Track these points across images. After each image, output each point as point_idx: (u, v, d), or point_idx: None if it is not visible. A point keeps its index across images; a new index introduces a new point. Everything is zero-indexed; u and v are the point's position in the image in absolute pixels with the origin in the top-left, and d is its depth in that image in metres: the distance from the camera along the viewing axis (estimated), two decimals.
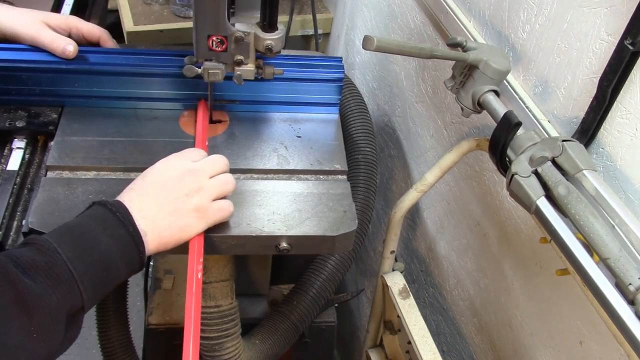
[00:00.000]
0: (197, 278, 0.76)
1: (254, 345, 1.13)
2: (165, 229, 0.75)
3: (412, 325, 1.07)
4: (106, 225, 0.70)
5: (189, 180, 0.78)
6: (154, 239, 0.74)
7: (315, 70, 1.01)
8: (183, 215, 0.76)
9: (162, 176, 0.78)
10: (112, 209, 0.71)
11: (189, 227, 0.77)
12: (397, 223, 1.07)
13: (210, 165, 0.81)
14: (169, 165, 0.80)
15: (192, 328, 0.72)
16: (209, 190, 0.79)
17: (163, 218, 0.75)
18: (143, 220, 0.73)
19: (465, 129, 1.06)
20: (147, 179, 0.78)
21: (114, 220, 0.71)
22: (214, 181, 0.80)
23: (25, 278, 0.61)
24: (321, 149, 0.98)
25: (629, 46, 0.64)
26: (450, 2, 1.02)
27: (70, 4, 1.25)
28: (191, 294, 0.74)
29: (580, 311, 0.82)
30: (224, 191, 0.81)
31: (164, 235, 0.75)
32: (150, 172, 0.79)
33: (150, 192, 0.76)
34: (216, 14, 0.81)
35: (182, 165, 0.80)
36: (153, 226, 0.74)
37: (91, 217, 0.71)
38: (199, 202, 0.77)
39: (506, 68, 0.82)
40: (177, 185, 0.77)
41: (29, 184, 0.88)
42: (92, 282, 0.67)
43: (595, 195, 0.67)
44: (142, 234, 0.72)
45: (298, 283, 1.17)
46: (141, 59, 0.97)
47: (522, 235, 0.93)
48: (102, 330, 1.24)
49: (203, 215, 0.78)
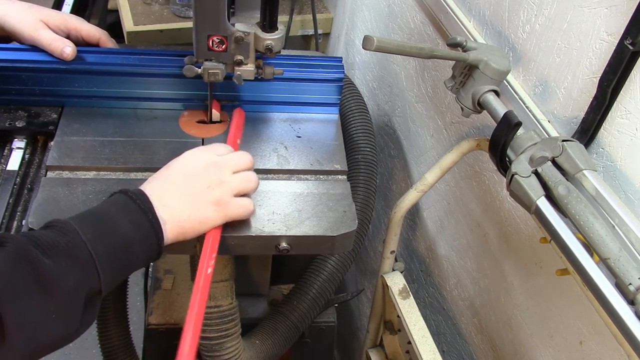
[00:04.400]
0: (206, 273, 0.76)
1: (254, 345, 1.13)
2: (185, 219, 0.76)
3: (412, 325, 1.07)
4: (127, 212, 0.71)
5: (212, 173, 0.79)
6: (173, 228, 0.75)
7: (315, 70, 1.01)
8: (203, 207, 0.77)
9: (186, 167, 0.79)
10: (132, 197, 0.73)
11: (208, 220, 0.78)
12: (397, 223, 1.07)
13: (234, 160, 0.82)
14: (194, 156, 0.81)
15: (192, 323, 0.71)
16: (230, 185, 0.79)
17: (183, 208, 0.76)
18: (163, 209, 0.74)
19: (465, 129, 1.06)
20: (171, 169, 0.79)
21: (134, 207, 0.72)
22: (237, 177, 0.81)
23: (45, 258, 0.62)
24: (321, 149, 0.98)
25: (629, 46, 0.64)
26: (450, 2, 1.02)
27: (70, 3, 1.25)
28: (197, 289, 0.74)
29: (580, 311, 0.82)
30: (247, 188, 0.82)
31: (183, 225, 0.76)
32: (175, 162, 0.80)
33: (172, 182, 0.77)
34: (216, 14, 0.81)
35: (207, 157, 0.81)
36: (173, 215, 0.75)
37: (113, 204, 0.73)
38: (219, 195, 0.78)
39: (506, 68, 0.82)
40: (199, 177, 0.78)
41: (29, 184, 0.88)
42: (110, 264, 0.68)
43: (595, 195, 0.67)
44: (161, 222, 0.73)
45: (298, 283, 1.17)
46: (141, 59, 0.97)
47: (522, 235, 0.93)
48: (102, 330, 1.23)
49: (223, 209, 0.79)
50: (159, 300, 1.26)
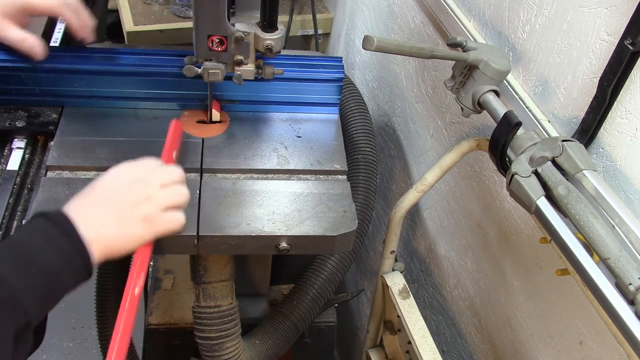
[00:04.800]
0: (133, 294, 0.73)
1: (254, 345, 1.13)
2: (111, 237, 0.73)
3: (412, 325, 1.07)
4: (47, 238, 0.68)
5: (138, 189, 0.76)
6: (100, 248, 0.72)
7: (315, 70, 1.01)
8: (130, 224, 0.74)
9: (111, 184, 0.77)
10: (54, 220, 0.70)
11: (136, 236, 0.75)
12: (397, 223, 1.07)
13: (162, 175, 0.79)
14: (120, 172, 0.78)
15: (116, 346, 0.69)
16: (158, 200, 0.76)
17: (109, 227, 0.73)
18: (87, 230, 0.70)
19: (465, 129, 1.06)
20: (96, 187, 0.76)
21: (55, 232, 0.69)
22: (165, 192, 0.77)
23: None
24: (321, 149, 0.98)
25: (629, 46, 0.64)
26: (450, 2, 1.02)
27: None
28: (123, 309, 0.72)
29: (580, 311, 0.82)
30: (176, 202, 0.78)
31: (109, 244, 0.73)
32: (100, 180, 0.77)
33: (97, 201, 0.74)
34: (216, 14, 0.81)
35: (133, 173, 0.78)
36: (98, 235, 0.71)
37: (32, 232, 0.69)
38: (147, 211, 0.75)
39: (506, 68, 0.82)
40: (125, 193, 0.75)
41: (29, 184, 0.88)
42: (36, 296, 0.65)
43: (595, 195, 0.67)
44: (86, 244, 0.70)
45: (298, 283, 1.17)
46: (141, 59, 0.97)
47: (522, 235, 0.93)
48: (102, 331, 1.24)
49: (151, 224, 0.76)
50: (159, 300, 1.26)
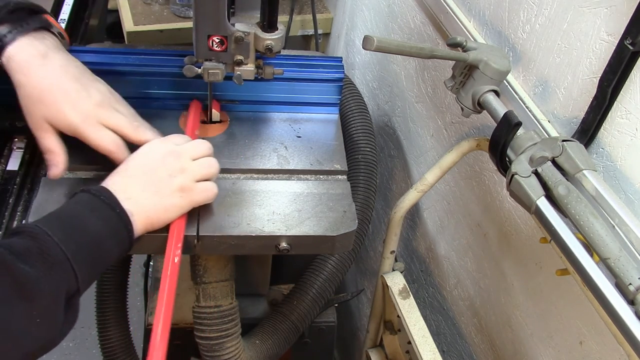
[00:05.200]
0: (173, 262, 0.76)
1: (254, 345, 1.13)
2: (150, 208, 0.76)
3: (412, 325, 1.07)
4: (93, 209, 0.71)
5: (172, 161, 0.79)
6: (141, 219, 0.75)
7: (315, 70, 1.01)
8: (167, 195, 0.78)
9: (145, 159, 0.79)
10: (96, 194, 0.73)
11: (174, 207, 0.78)
12: (397, 223, 1.07)
13: (192, 148, 0.82)
14: (152, 148, 0.81)
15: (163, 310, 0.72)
16: (192, 171, 0.80)
17: (148, 198, 0.76)
18: (128, 201, 0.74)
19: (465, 129, 1.06)
20: (130, 163, 0.79)
21: (99, 203, 0.72)
22: (196, 163, 0.81)
23: (21, 264, 0.62)
24: (321, 149, 0.98)
25: (629, 46, 0.64)
26: (450, 2, 1.02)
27: (71, 3, 1.25)
28: (165, 278, 0.74)
29: (580, 311, 0.82)
30: (208, 173, 0.82)
31: (150, 215, 0.76)
32: (134, 156, 0.80)
33: (133, 175, 0.77)
34: (216, 14, 0.81)
35: (164, 147, 0.81)
36: (138, 206, 0.75)
37: (77, 203, 0.72)
38: (182, 182, 0.79)
39: (506, 68, 0.82)
40: (160, 167, 0.78)
41: (29, 184, 0.88)
42: (85, 262, 0.68)
43: (595, 195, 0.67)
44: (128, 214, 0.73)
45: (298, 283, 1.17)
46: (141, 59, 0.97)
47: (522, 235, 0.93)
48: (102, 330, 1.24)
49: (187, 195, 0.79)
50: None
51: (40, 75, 0.76)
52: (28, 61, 0.76)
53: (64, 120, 0.77)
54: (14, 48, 0.75)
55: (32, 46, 0.76)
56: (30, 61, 0.76)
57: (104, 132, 0.79)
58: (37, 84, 0.76)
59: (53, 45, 0.78)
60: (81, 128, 0.77)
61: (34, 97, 0.76)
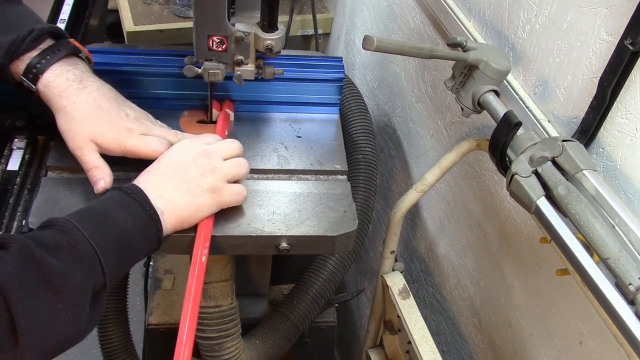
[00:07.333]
0: (200, 262, 0.77)
1: (254, 345, 1.13)
2: (181, 207, 0.77)
3: (412, 325, 1.07)
4: (124, 206, 0.72)
5: (203, 161, 0.80)
6: (171, 217, 0.76)
7: (315, 70, 1.01)
8: (198, 195, 0.78)
9: (177, 157, 0.80)
10: (127, 192, 0.74)
11: (203, 207, 0.79)
12: (397, 223, 1.07)
13: (223, 148, 0.84)
14: (184, 147, 0.82)
15: (189, 309, 0.72)
16: (222, 171, 0.81)
17: (179, 197, 0.77)
18: (159, 200, 0.75)
19: (465, 129, 1.06)
20: (162, 161, 0.80)
21: (130, 201, 0.73)
22: (227, 163, 0.82)
23: (50, 257, 0.62)
24: (321, 149, 0.98)
25: (629, 46, 0.64)
26: (450, 2, 1.02)
27: (71, 3, 1.25)
28: (193, 277, 0.75)
29: (580, 311, 0.82)
30: (238, 174, 0.83)
31: (181, 214, 0.77)
32: (166, 155, 0.81)
33: (165, 173, 0.78)
34: (216, 14, 0.81)
35: (196, 147, 0.82)
36: (169, 205, 0.76)
37: (108, 200, 0.73)
38: (213, 182, 0.79)
39: (506, 68, 0.82)
40: (191, 166, 0.79)
41: (29, 184, 0.88)
42: (113, 258, 0.68)
43: (595, 195, 0.67)
44: (159, 213, 0.74)
45: (298, 283, 1.17)
46: (141, 59, 0.97)
47: (522, 235, 0.93)
48: (102, 330, 1.24)
49: (217, 195, 0.80)
50: (159, 300, 1.26)
51: (82, 99, 0.80)
52: (67, 86, 0.80)
53: (111, 137, 0.81)
54: (50, 75, 0.79)
55: (68, 72, 0.81)
56: (69, 86, 0.80)
57: (148, 137, 0.83)
58: (81, 106, 0.80)
59: (86, 70, 0.83)
60: (128, 141, 0.82)
61: (78, 119, 0.80)
